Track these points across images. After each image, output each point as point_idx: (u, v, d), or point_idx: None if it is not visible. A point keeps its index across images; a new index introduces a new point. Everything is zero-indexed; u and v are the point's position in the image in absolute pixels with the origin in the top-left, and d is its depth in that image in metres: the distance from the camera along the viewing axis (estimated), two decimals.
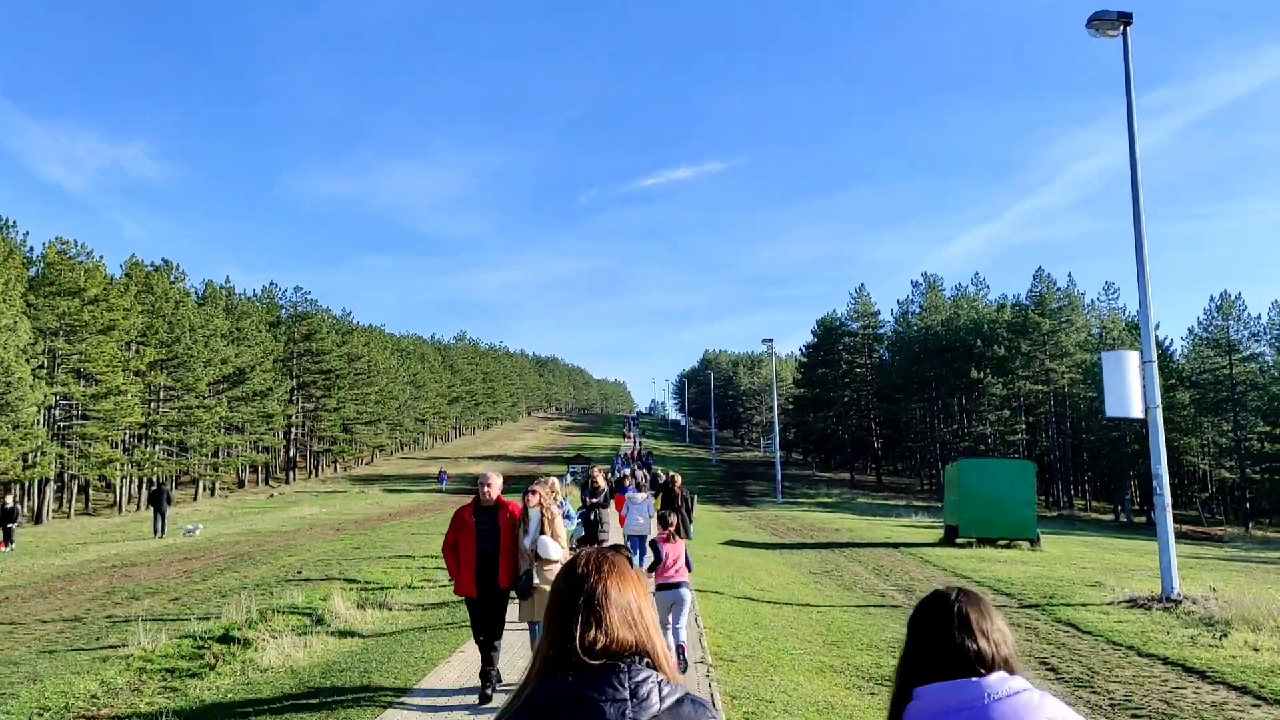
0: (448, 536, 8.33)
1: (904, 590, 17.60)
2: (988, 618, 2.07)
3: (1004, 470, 26.55)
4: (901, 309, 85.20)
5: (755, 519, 41.31)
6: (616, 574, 1.94)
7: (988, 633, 2.04)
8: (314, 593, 16.21)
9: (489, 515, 8.23)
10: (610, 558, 2.00)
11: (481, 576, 8.03)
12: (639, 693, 1.75)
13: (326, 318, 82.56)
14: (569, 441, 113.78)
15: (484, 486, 8.35)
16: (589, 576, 1.91)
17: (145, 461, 50.14)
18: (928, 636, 2.08)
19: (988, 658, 2.00)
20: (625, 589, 1.91)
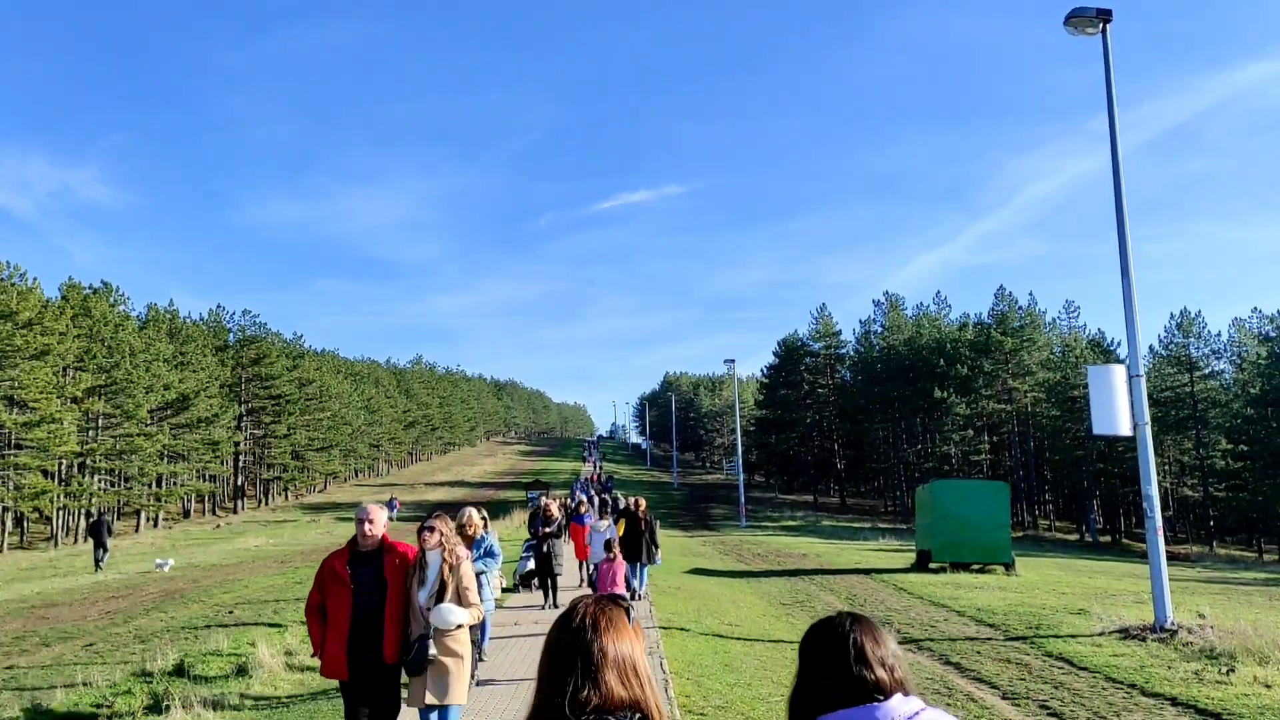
0: (311, 595, 6.15)
1: (882, 621, 16.36)
2: (881, 645, 2.06)
3: (978, 492, 25.62)
4: (863, 329, 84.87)
5: (720, 544, 40.10)
6: (614, 629, 1.90)
7: (884, 660, 2.03)
8: (241, 636, 14.76)
9: (369, 564, 6.04)
10: (608, 611, 1.95)
11: (357, 649, 5.85)
12: None
13: (276, 341, 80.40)
14: (529, 466, 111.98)
15: (363, 523, 6.08)
16: (585, 632, 1.88)
17: (82, 492, 47.89)
18: (824, 667, 2.04)
19: (885, 685, 2.00)
20: (621, 644, 1.88)
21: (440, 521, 6.54)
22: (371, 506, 6.28)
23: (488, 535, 10.44)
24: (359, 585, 5.95)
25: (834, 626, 2.10)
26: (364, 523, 6.08)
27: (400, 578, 6.08)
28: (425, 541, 6.33)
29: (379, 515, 6.19)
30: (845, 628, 2.07)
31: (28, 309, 44.31)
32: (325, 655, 5.99)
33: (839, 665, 2.02)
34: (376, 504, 6.41)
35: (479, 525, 10.11)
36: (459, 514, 9.58)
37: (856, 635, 2.05)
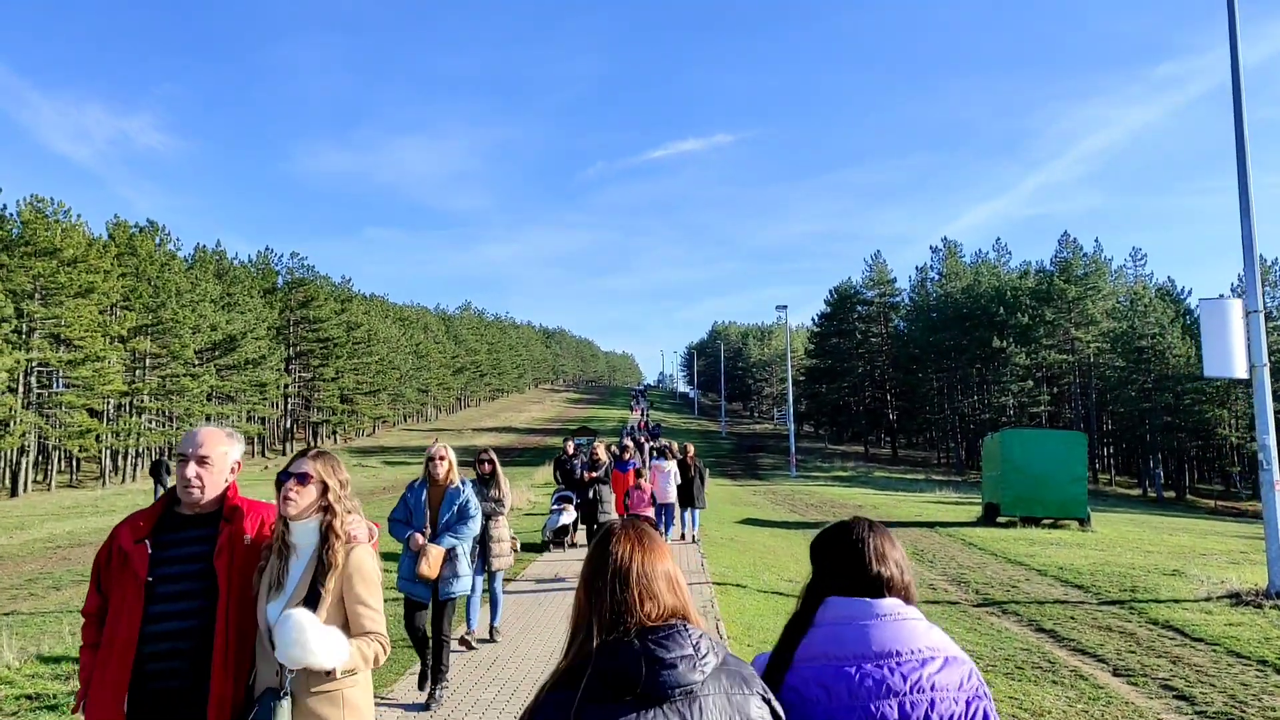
0: (89, 599, 3.33)
1: (955, 580, 15.06)
2: (890, 547, 2.21)
3: (1051, 442, 23.90)
4: (919, 276, 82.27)
5: (771, 494, 38.83)
6: (655, 545, 2.03)
7: (888, 559, 2.18)
8: None
9: (195, 540, 3.23)
10: (646, 530, 2.07)
11: (138, 691, 3.07)
12: (700, 649, 1.87)
13: (325, 285, 79.96)
14: (576, 414, 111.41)
15: (188, 467, 3.24)
16: (633, 549, 2.00)
17: (129, 431, 47.74)
18: (837, 559, 2.20)
19: (889, 581, 2.15)
20: (663, 560, 2.02)
21: (321, 462, 3.26)
22: (205, 433, 3.32)
23: (464, 487, 7.10)
24: (160, 578, 3.16)
25: (847, 526, 2.26)
26: (190, 465, 3.22)
27: (243, 568, 3.22)
28: (288, 499, 3.16)
29: (217, 451, 3.30)
30: (857, 528, 2.24)
31: (71, 246, 43.80)
32: (91, 699, 3.12)
33: (847, 558, 2.18)
34: (221, 432, 3.40)
35: (451, 466, 7.09)
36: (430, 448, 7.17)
37: (866, 533, 2.22)
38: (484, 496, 8.58)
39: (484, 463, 8.93)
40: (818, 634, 2.11)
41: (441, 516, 6.91)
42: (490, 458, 8.97)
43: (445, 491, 7.04)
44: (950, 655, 2.09)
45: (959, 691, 2.06)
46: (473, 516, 7.02)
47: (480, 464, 8.95)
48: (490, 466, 8.90)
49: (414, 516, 6.98)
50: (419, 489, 7.10)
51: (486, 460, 8.97)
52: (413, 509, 7.00)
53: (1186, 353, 58.17)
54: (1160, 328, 59.00)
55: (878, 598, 2.12)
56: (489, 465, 8.92)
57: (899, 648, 2.06)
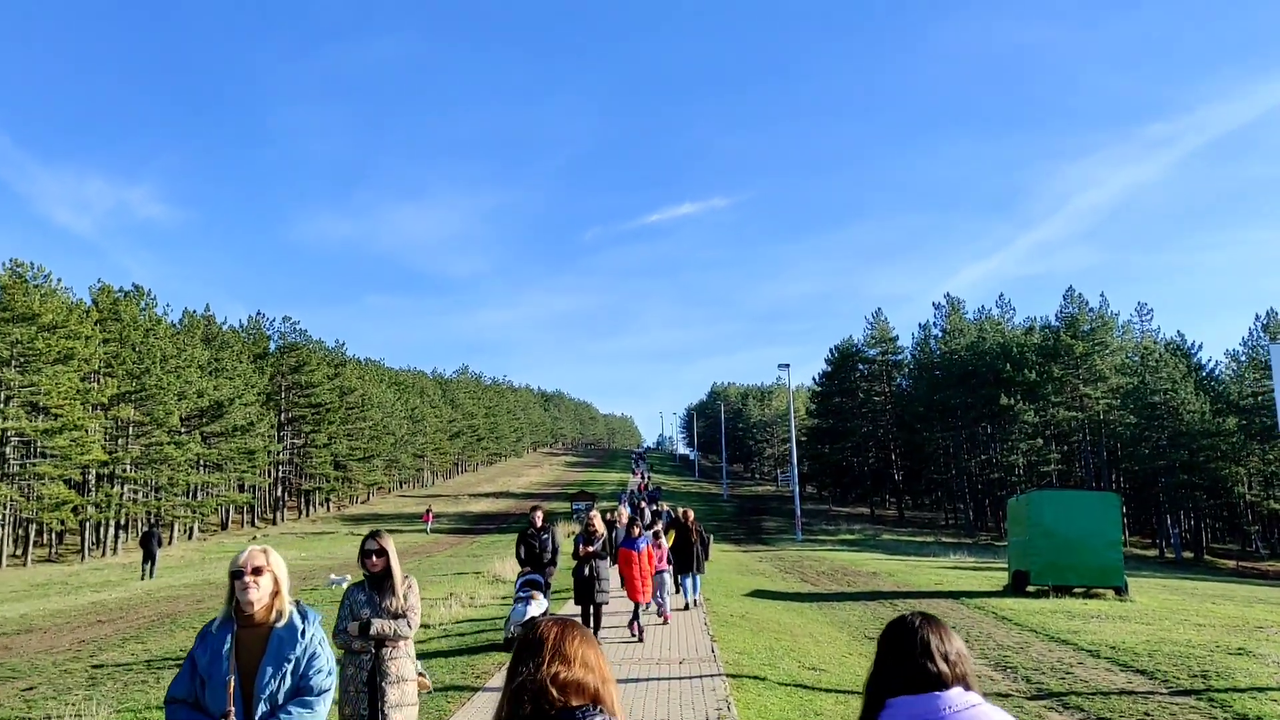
0: None
1: (998, 665, 13.34)
2: (947, 642, 2.29)
3: (1084, 504, 22.21)
4: (922, 333, 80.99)
5: (778, 560, 36.97)
6: (579, 632, 2.09)
7: (947, 655, 2.25)
8: None
9: None
10: (571, 621, 2.13)
11: None
12: None
13: (317, 349, 78.55)
14: (575, 477, 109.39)
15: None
16: (553, 630, 2.08)
17: (107, 503, 45.91)
18: (894, 658, 2.28)
19: (946, 678, 2.22)
20: (589, 642, 2.09)
21: None
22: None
23: (305, 622, 3.98)
24: None
25: (905, 623, 2.34)
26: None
27: None
28: None
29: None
30: (915, 624, 2.32)
31: (51, 311, 42.44)
32: None
33: (907, 656, 2.25)
34: None
35: (276, 585, 4.00)
36: (238, 557, 4.04)
37: (924, 631, 2.29)
38: (376, 608, 5.37)
39: (371, 555, 5.43)
40: None
41: (260, 688, 3.73)
42: (380, 546, 5.41)
43: (268, 635, 3.84)
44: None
45: None
46: (322, 692, 3.83)
47: (367, 558, 5.42)
48: (382, 561, 5.40)
49: (208, 689, 3.73)
50: (220, 632, 3.89)
51: (375, 551, 5.41)
52: (206, 675, 3.75)
53: (1200, 409, 56.64)
54: (1172, 383, 57.52)
55: (942, 690, 2.19)
56: (379, 559, 5.40)
57: None
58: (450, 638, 15.23)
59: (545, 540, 14.01)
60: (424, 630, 16.14)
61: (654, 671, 11.65)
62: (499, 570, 26.02)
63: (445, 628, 16.49)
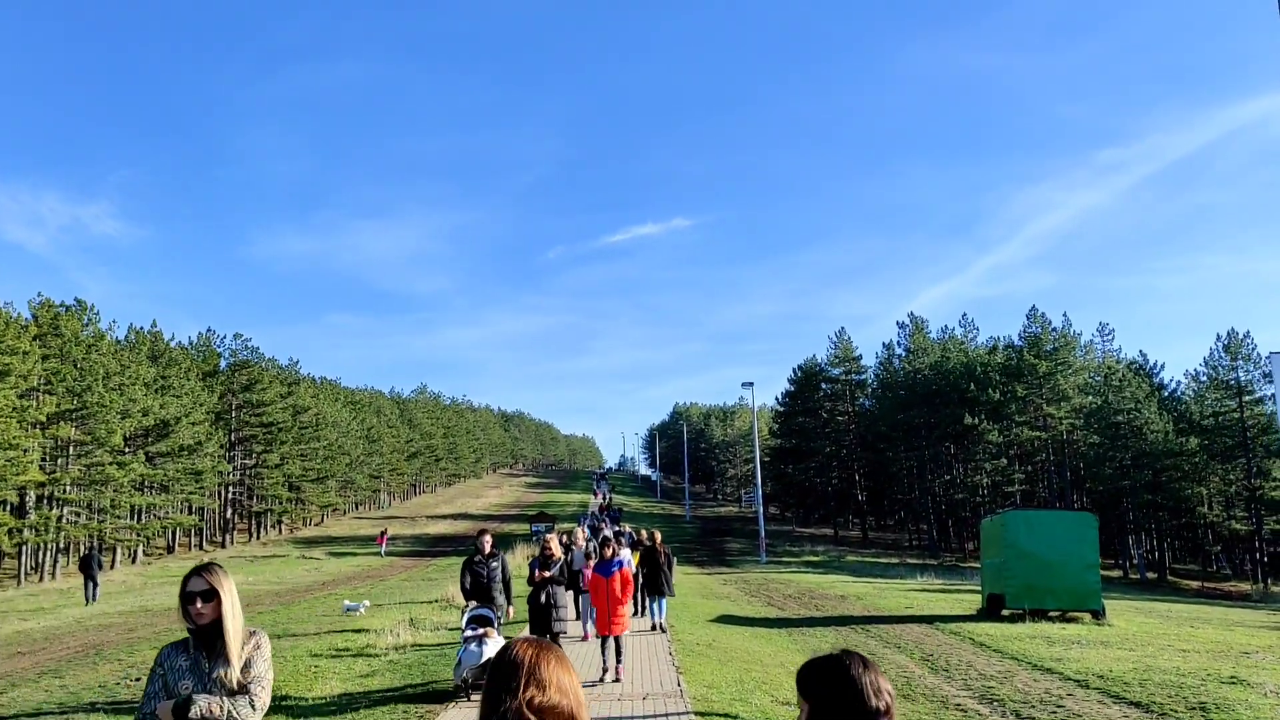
0: None
1: (984, 697, 12.42)
2: (879, 679, 2.29)
3: (1060, 524, 21.48)
4: (886, 352, 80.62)
5: (743, 583, 35.99)
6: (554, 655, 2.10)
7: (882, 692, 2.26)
8: None
9: None
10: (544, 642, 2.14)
11: None
12: None
13: (270, 367, 76.63)
14: (535, 499, 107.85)
15: None
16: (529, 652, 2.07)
17: (45, 525, 43.93)
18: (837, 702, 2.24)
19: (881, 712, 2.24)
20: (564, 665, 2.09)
21: None
22: None
23: None
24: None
25: (841, 664, 2.30)
26: None
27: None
28: None
29: None
30: (851, 665, 2.29)
31: None
32: None
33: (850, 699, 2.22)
34: None
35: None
36: None
37: (858, 670, 2.28)
38: (202, 677, 3.62)
39: (196, 599, 3.63)
40: None
41: None
42: (209, 586, 3.63)
43: None
44: None
45: None
46: None
47: (190, 602, 3.62)
48: (212, 609, 3.62)
49: None
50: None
51: (200, 593, 3.61)
52: None
53: (1164, 429, 56.57)
54: (1135, 403, 57.45)
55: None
56: (207, 605, 3.61)
57: None
58: (397, 670, 14.08)
59: (494, 569, 12.59)
60: (366, 661, 14.97)
61: (615, 709, 10.60)
62: (454, 595, 24.83)
63: (391, 658, 15.32)
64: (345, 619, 22.45)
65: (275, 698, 12.34)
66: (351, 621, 21.09)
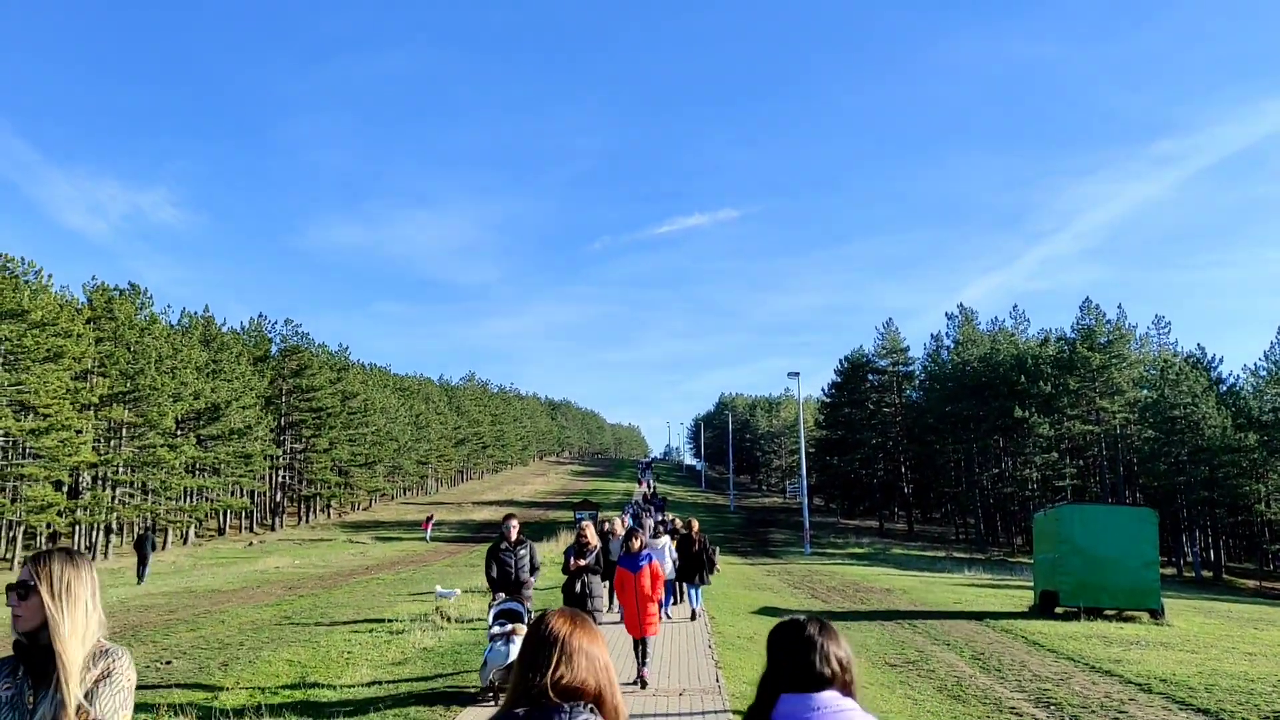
0: None
1: (1039, 700, 11.91)
2: (836, 646, 2.40)
3: (1118, 520, 20.78)
4: (934, 344, 79.33)
5: (786, 574, 35.53)
6: (586, 629, 2.15)
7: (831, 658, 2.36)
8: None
9: None
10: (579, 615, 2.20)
11: None
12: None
13: (320, 353, 77.31)
14: (580, 486, 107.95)
15: None
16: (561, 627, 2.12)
17: (97, 505, 44.61)
18: (787, 657, 2.39)
19: (833, 677, 2.35)
20: (593, 644, 2.13)
21: None
22: None
23: None
24: None
25: (799, 624, 2.46)
26: None
27: None
28: None
29: None
30: (807, 626, 2.44)
31: (40, 308, 41.26)
32: None
33: (797, 655, 2.37)
34: None
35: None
36: None
37: (814, 633, 2.41)
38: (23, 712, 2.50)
39: (15, 594, 2.62)
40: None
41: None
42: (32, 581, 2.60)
43: None
44: None
45: None
46: None
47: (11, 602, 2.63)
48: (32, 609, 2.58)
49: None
50: None
51: (20, 586, 2.62)
52: None
53: (1222, 423, 54.99)
54: (1193, 397, 55.91)
55: (821, 691, 2.32)
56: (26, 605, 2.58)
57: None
58: (430, 658, 13.87)
59: (522, 557, 11.67)
60: (400, 648, 14.76)
61: (649, 705, 10.27)
62: None
63: (425, 645, 15.13)
64: (383, 604, 22.37)
65: (302, 683, 12.17)
66: (389, 609, 20.97)
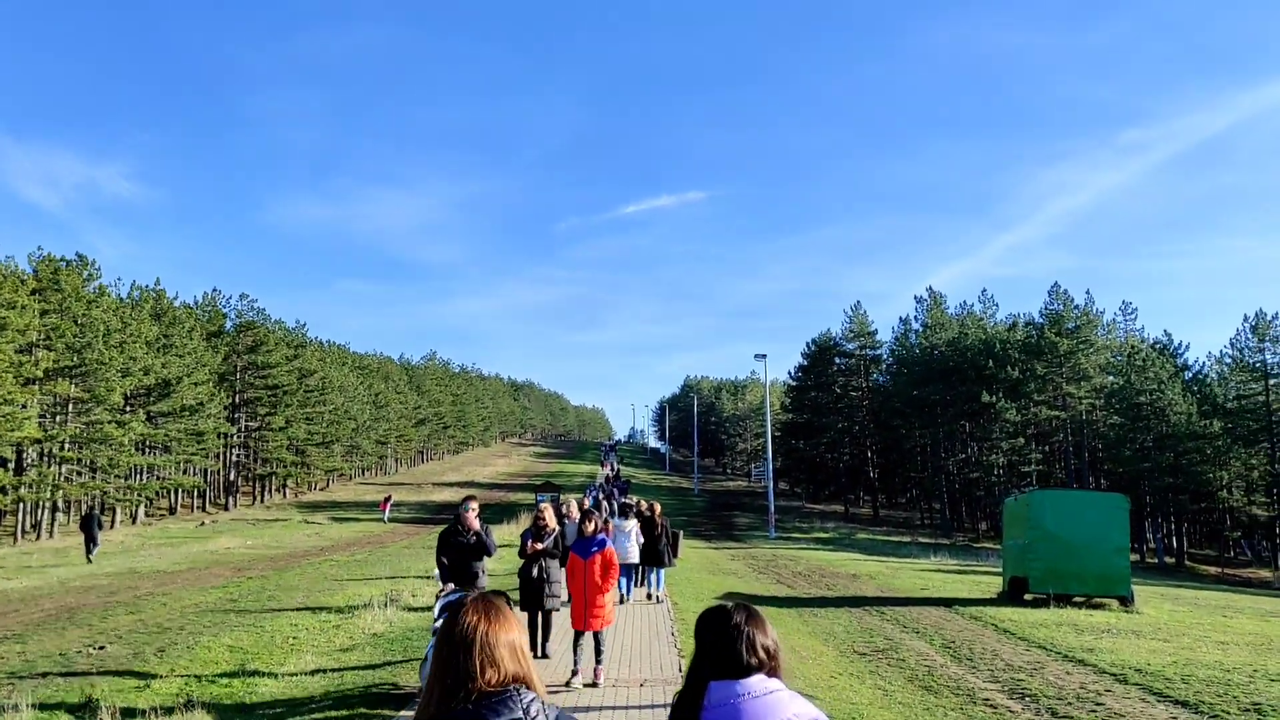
0: None
1: (1013, 692, 11.31)
2: (762, 633, 2.44)
3: (1090, 506, 20.31)
4: (902, 327, 79.06)
5: (751, 559, 34.97)
6: (503, 618, 2.13)
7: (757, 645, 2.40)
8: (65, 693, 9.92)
9: None
10: (495, 603, 2.18)
11: None
12: (530, 711, 2.01)
13: (276, 329, 75.68)
14: (543, 468, 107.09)
15: None
16: (480, 623, 2.09)
17: (42, 483, 43.16)
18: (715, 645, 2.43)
19: (755, 666, 2.39)
20: (511, 630, 2.12)
21: None
22: None
23: None
24: None
25: (726, 612, 2.50)
26: None
27: None
28: None
29: None
30: (734, 614, 2.48)
31: None
32: None
33: (725, 643, 2.41)
34: None
35: None
36: None
37: (741, 620, 2.45)
38: None
39: None
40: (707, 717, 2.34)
41: None
42: None
43: None
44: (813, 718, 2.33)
45: None
46: None
47: None
48: None
49: None
50: None
51: None
52: None
53: (1188, 410, 55.15)
54: (1159, 383, 56.01)
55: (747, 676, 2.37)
56: None
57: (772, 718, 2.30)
58: (379, 645, 13.06)
59: (478, 545, 10.63)
60: (348, 634, 13.93)
61: (608, 697, 9.53)
62: None
63: (375, 631, 14.31)
64: (335, 587, 21.51)
65: (242, 671, 11.35)
66: (341, 593, 20.11)
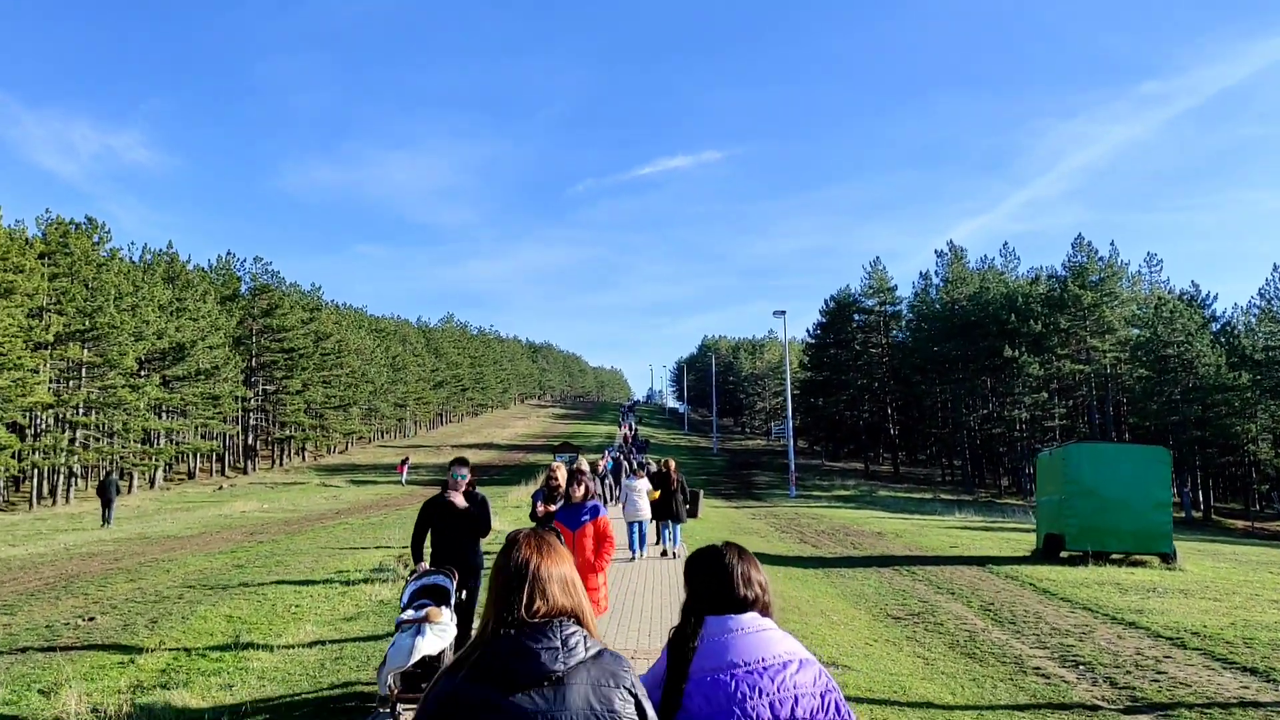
0: None
1: (1064, 659, 10.52)
2: (753, 570, 2.56)
3: (1128, 460, 19.41)
4: (922, 282, 77.72)
5: (772, 517, 34.29)
6: (554, 552, 2.22)
7: (752, 582, 2.52)
8: (41, 675, 9.28)
9: None
10: (546, 538, 2.26)
11: None
12: (568, 643, 2.07)
13: (292, 292, 75.15)
14: (561, 429, 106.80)
15: None
16: (532, 555, 2.18)
17: (55, 448, 42.86)
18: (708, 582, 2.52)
19: (750, 601, 2.49)
20: (561, 565, 2.20)
21: None
22: None
23: None
24: None
25: (718, 551, 2.61)
26: None
27: None
28: None
29: None
30: (726, 552, 2.59)
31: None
32: None
33: (718, 580, 2.51)
34: None
35: None
36: None
37: (733, 559, 2.56)
38: None
39: None
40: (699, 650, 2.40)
41: None
42: None
43: None
44: (803, 658, 2.42)
45: (814, 687, 2.36)
46: None
47: None
48: None
49: None
50: None
51: None
52: None
53: (1216, 362, 53.91)
54: (1187, 335, 54.74)
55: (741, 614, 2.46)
56: None
57: (764, 655, 2.37)
58: (384, 612, 12.40)
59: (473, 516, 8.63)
60: (354, 601, 13.28)
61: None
62: None
63: (382, 598, 13.65)
64: (345, 553, 20.91)
65: (235, 644, 10.70)
66: (350, 558, 19.50)
